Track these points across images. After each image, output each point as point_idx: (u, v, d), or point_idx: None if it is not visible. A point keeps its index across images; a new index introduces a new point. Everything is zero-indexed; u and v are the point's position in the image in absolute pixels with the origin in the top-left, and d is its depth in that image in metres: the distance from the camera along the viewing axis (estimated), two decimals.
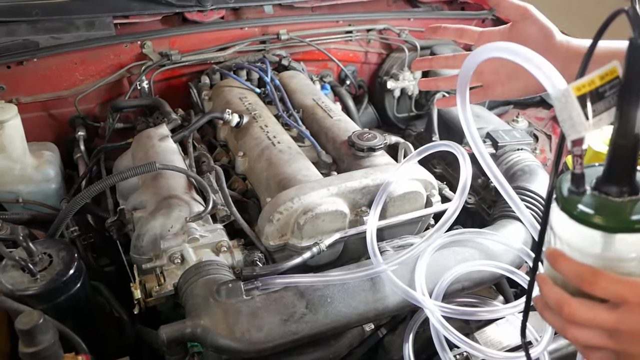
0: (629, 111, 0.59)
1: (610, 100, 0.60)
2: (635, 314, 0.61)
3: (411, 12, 2.16)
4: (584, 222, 0.62)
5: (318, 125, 1.52)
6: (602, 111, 0.60)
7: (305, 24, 1.90)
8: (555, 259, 0.66)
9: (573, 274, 0.64)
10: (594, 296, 0.63)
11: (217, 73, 1.75)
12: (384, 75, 2.02)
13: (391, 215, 1.24)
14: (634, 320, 0.61)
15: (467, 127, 0.94)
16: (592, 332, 0.64)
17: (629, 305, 0.61)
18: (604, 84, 0.59)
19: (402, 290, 1.06)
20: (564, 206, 0.64)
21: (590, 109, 0.59)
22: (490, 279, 1.18)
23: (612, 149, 0.62)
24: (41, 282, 1.03)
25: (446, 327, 1.02)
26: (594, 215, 0.62)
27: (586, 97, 0.59)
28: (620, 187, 0.62)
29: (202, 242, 1.14)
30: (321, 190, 1.18)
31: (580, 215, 0.62)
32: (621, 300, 0.61)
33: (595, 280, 0.62)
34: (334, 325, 1.03)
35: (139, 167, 1.19)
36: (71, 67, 1.65)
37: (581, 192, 0.64)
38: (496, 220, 1.29)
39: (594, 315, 0.63)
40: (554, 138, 1.82)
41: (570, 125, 0.59)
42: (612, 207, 0.62)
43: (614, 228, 0.61)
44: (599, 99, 0.59)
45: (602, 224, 0.61)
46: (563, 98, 0.60)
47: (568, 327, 0.66)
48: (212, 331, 0.97)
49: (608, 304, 0.62)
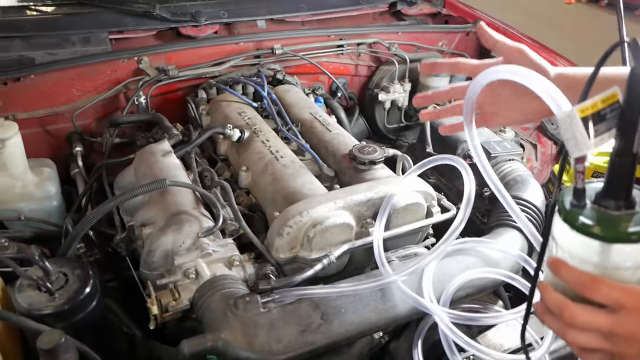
0: (628, 132, 0.66)
1: (611, 122, 0.67)
2: (632, 318, 0.67)
3: (397, 26, 2.22)
4: (584, 232, 0.68)
5: (317, 138, 1.56)
6: (603, 132, 0.67)
7: (297, 39, 1.94)
8: (558, 267, 0.72)
9: (575, 281, 0.70)
10: (593, 302, 0.69)
11: (214, 87, 1.77)
12: (374, 87, 2.07)
13: (395, 226, 1.29)
14: (630, 324, 0.67)
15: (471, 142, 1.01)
16: (591, 335, 0.70)
17: (626, 310, 0.67)
18: (605, 107, 0.66)
19: (412, 299, 1.11)
20: (566, 218, 0.70)
21: (592, 130, 0.66)
22: (492, 285, 1.23)
23: (611, 167, 0.69)
24: (59, 300, 1.04)
25: (455, 332, 1.08)
26: (594, 227, 0.68)
27: (589, 118, 0.66)
28: (617, 202, 0.69)
29: (215, 257, 1.17)
30: (328, 203, 1.22)
31: (581, 226, 0.68)
32: (619, 305, 0.67)
33: (596, 287, 0.68)
34: (349, 334, 1.06)
35: (149, 185, 1.21)
36: (68, 83, 1.66)
37: (582, 206, 0.70)
38: (493, 229, 1.35)
39: (593, 319, 0.69)
40: (540, 147, 1.90)
41: (574, 143, 0.66)
42: (610, 220, 0.68)
43: (612, 238, 0.67)
44: (600, 121, 0.66)
45: (601, 235, 0.67)
46: (568, 119, 0.67)
47: (568, 331, 0.72)
48: (232, 344, 1.00)
49: (607, 309, 0.68)
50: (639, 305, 0.66)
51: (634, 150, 0.66)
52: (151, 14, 1.78)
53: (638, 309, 0.66)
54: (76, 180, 1.62)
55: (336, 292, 1.09)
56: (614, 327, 0.68)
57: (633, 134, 0.65)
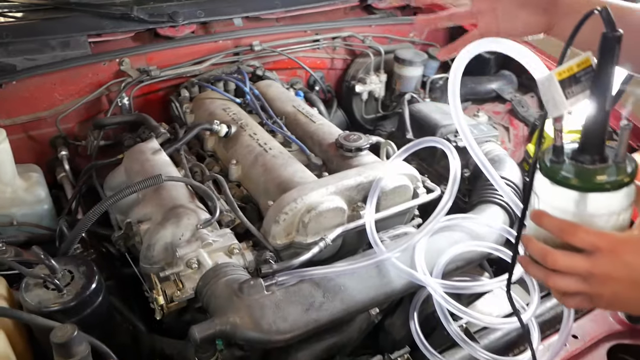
0: (600, 93, 0.74)
1: (585, 84, 0.75)
2: (606, 259, 0.75)
3: (369, 19, 2.29)
4: (564, 184, 0.77)
5: (302, 130, 1.61)
6: (578, 93, 0.75)
7: (274, 35, 1.99)
8: (540, 217, 0.80)
9: (555, 228, 0.78)
10: (572, 248, 0.77)
11: (196, 86, 1.80)
12: (351, 79, 2.13)
13: (384, 208, 1.35)
14: (605, 265, 0.75)
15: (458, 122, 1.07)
16: (570, 278, 0.78)
17: (601, 252, 0.75)
18: (580, 70, 0.74)
19: (407, 273, 1.17)
20: (547, 173, 0.79)
21: (568, 91, 0.74)
22: (479, 257, 1.31)
23: (586, 125, 0.77)
24: (67, 297, 1.07)
25: (449, 301, 1.14)
26: (572, 179, 0.76)
27: (565, 81, 0.74)
28: (592, 156, 0.77)
29: (215, 247, 1.21)
30: (321, 189, 1.27)
31: (561, 179, 0.77)
32: (595, 248, 0.75)
33: (574, 232, 0.76)
34: (350, 310, 1.12)
35: (146, 181, 1.23)
36: (50, 88, 1.67)
37: (561, 162, 0.78)
38: (476, 206, 1.42)
39: (572, 262, 0.77)
40: (512, 129, 1.99)
41: (553, 104, 0.75)
42: (586, 172, 0.77)
43: (588, 188, 0.76)
44: (575, 83, 0.74)
45: (579, 186, 0.76)
46: (546, 82, 0.75)
47: (550, 276, 0.80)
48: (240, 326, 1.04)
49: (584, 253, 0.76)
50: (613, 248, 0.74)
51: (607, 109, 0.74)
52: (129, 15, 1.80)
53: (612, 250, 0.74)
54: (63, 184, 1.63)
55: (335, 271, 1.15)
56: (591, 269, 0.75)
57: (605, 94, 0.73)
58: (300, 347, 1.14)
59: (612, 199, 0.76)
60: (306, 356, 1.15)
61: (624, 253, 0.75)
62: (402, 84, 2.07)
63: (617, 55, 0.72)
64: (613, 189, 0.75)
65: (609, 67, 0.73)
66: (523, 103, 2.02)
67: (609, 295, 0.77)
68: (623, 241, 0.76)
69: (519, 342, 1.27)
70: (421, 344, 1.17)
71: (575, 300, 0.81)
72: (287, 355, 1.13)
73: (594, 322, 1.30)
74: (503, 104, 2.10)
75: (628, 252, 0.75)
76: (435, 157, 1.73)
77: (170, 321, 1.33)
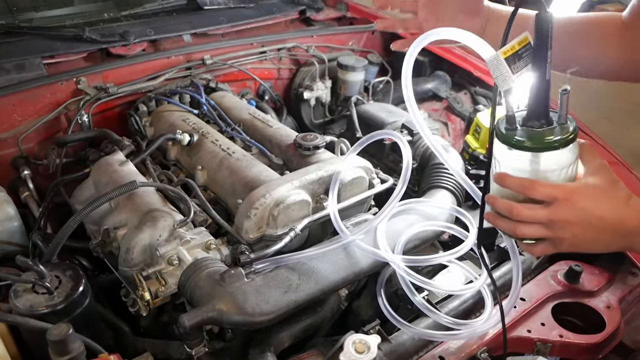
0: (540, 65, 0.88)
1: (527, 59, 0.89)
2: (563, 207, 0.89)
3: (311, 30, 2.43)
4: (519, 147, 0.91)
5: (260, 134, 1.71)
6: (522, 67, 0.89)
7: (223, 49, 2.09)
8: (503, 179, 0.94)
9: (517, 186, 0.92)
10: (533, 201, 0.90)
11: (153, 100, 1.87)
12: (298, 87, 2.25)
13: (344, 198, 1.46)
14: (562, 212, 0.89)
15: (411, 108, 1.18)
16: (534, 227, 0.92)
17: (558, 201, 0.89)
18: (521, 47, 0.88)
19: (371, 252, 1.29)
20: (503, 139, 0.92)
21: (513, 67, 0.87)
22: (434, 236, 1.44)
23: (531, 93, 0.90)
24: (58, 299, 1.12)
25: (411, 274, 1.27)
26: (525, 142, 0.90)
27: (509, 58, 0.87)
28: (540, 121, 0.91)
29: (193, 244, 1.28)
30: (286, 185, 1.38)
31: (516, 143, 0.91)
32: (552, 199, 0.89)
33: (533, 187, 0.90)
34: (325, 289, 1.22)
35: (121, 187, 1.30)
36: (9, 109, 1.69)
37: (514, 129, 0.92)
38: (426, 191, 1.56)
39: (534, 212, 0.91)
40: (450, 124, 2.17)
41: (502, 79, 0.88)
42: (536, 135, 0.91)
43: (539, 148, 0.90)
44: (519, 59, 0.88)
45: (532, 147, 0.90)
46: (494, 60, 0.88)
47: (517, 226, 0.93)
48: (226, 312, 1.12)
49: (544, 204, 0.90)
50: (567, 196, 0.88)
51: (547, 78, 0.88)
52: (81, 37, 1.85)
53: (566, 199, 0.88)
54: (28, 203, 1.65)
55: (307, 255, 1.25)
56: (550, 216, 0.89)
57: (544, 66, 0.87)
58: (281, 329, 1.24)
59: (560, 156, 0.90)
60: (286, 337, 1.25)
61: (578, 200, 0.88)
62: (347, 89, 2.22)
63: (551, 33, 0.85)
64: (560, 147, 0.89)
65: (545, 42, 0.86)
66: (458, 100, 2.21)
67: (570, 238, 0.91)
68: (576, 190, 0.89)
69: (475, 309, 1.41)
70: (390, 316, 1.28)
71: (540, 247, 0.95)
72: (268, 337, 1.22)
73: (538, 285, 1.46)
74: (440, 102, 2.28)
75: (581, 198, 0.89)
76: (384, 152, 1.87)
77: (149, 324, 1.40)
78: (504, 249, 1.56)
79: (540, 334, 1.32)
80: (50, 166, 1.74)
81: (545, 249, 0.95)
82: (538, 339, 1.31)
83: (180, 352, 1.26)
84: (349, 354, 1.12)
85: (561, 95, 0.88)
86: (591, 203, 0.89)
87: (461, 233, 1.39)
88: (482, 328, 1.26)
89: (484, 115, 1.84)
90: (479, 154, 1.77)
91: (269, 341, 1.22)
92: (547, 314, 1.39)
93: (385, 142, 1.85)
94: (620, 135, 3.62)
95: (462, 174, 1.24)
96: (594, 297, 1.43)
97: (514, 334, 1.32)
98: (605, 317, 1.37)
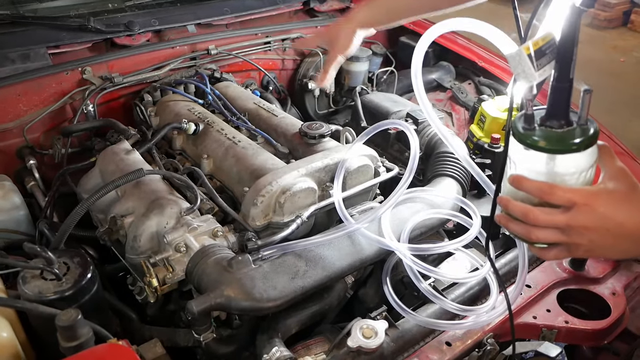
0: (564, 62, 0.84)
1: (550, 56, 0.85)
2: (582, 212, 0.85)
3: (315, 21, 2.42)
4: (536, 148, 0.86)
5: (265, 124, 1.71)
6: (545, 64, 0.85)
7: (228, 39, 2.09)
8: (520, 182, 0.90)
9: (535, 189, 0.88)
10: (548, 205, 0.87)
11: (158, 90, 1.87)
12: (302, 78, 2.25)
13: (350, 186, 1.47)
14: (581, 218, 0.85)
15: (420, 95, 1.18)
16: (550, 231, 0.88)
17: (577, 206, 0.85)
18: (545, 44, 0.84)
19: (377, 241, 1.29)
20: (520, 139, 0.88)
21: (537, 63, 0.83)
22: (439, 224, 1.45)
23: (552, 92, 0.86)
24: (66, 285, 1.12)
25: (417, 262, 1.27)
26: (543, 142, 0.86)
27: (532, 55, 0.83)
28: (559, 121, 0.87)
29: (200, 231, 1.29)
30: (292, 172, 1.39)
31: (533, 143, 0.86)
32: (571, 203, 0.85)
33: (552, 191, 0.86)
34: (331, 276, 1.23)
35: (128, 175, 1.30)
36: (14, 99, 1.69)
37: (532, 128, 0.88)
38: (431, 180, 1.57)
39: (552, 217, 0.87)
40: (454, 114, 2.17)
41: (524, 76, 0.84)
42: (555, 136, 0.86)
43: (558, 150, 0.86)
44: (541, 56, 0.84)
45: (550, 148, 0.86)
46: (517, 57, 0.84)
47: (532, 230, 0.89)
48: (234, 298, 1.13)
49: (562, 209, 0.86)
50: (587, 201, 0.84)
51: (570, 76, 0.85)
52: (86, 27, 1.85)
53: (586, 204, 0.84)
54: (34, 192, 1.66)
55: (314, 242, 1.26)
56: (569, 221, 0.85)
57: (569, 64, 0.84)
58: (288, 315, 1.24)
59: (579, 158, 0.86)
60: (294, 323, 1.25)
61: (598, 205, 0.84)
62: (351, 79, 2.22)
63: (579, 29, 0.82)
64: (579, 149, 0.85)
65: (572, 38, 0.83)
66: (462, 90, 2.21)
67: (587, 244, 0.87)
68: (595, 194, 0.85)
69: (481, 295, 1.41)
70: (395, 304, 1.29)
71: (554, 252, 0.91)
72: (276, 324, 1.23)
73: (544, 272, 1.46)
74: (444, 92, 2.28)
75: (601, 204, 0.85)
76: (389, 142, 1.87)
77: (155, 312, 1.41)
78: (509, 236, 1.56)
79: (546, 320, 1.33)
80: (56, 156, 1.74)
81: (559, 254, 0.91)
82: (544, 325, 1.32)
83: (187, 339, 1.27)
84: (357, 338, 1.12)
85: (583, 94, 0.83)
86: (611, 209, 0.85)
87: (466, 221, 1.39)
88: (487, 315, 1.26)
89: (488, 105, 1.84)
90: (483, 143, 1.77)
91: (277, 327, 1.23)
92: (553, 300, 1.40)
93: (390, 132, 1.85)
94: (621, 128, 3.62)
95: (471, 163, 1.24)
96: (599, 284, 1.44)
97: (520, 320, 1.33)
98: (611, 304, 1.37)
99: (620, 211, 0.85)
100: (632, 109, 4.65)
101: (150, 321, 1.40)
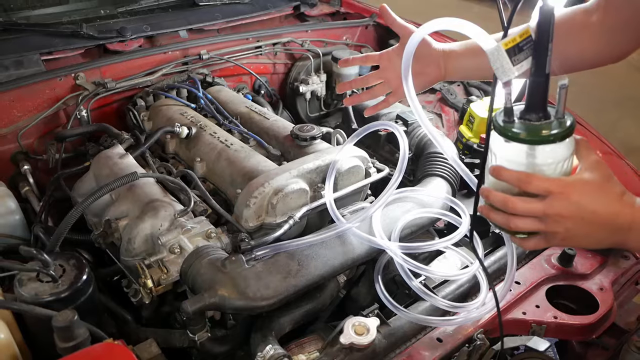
0: (540, 58, 0.88)
1: (527, 52, 0.89)
2: (558, 201, 0.89)
3: (306, 25, 2.45)
4: (516, 140, 0.90)
5: (257, 127, 1.74)
6: (523, 60, 0.88)
7: (219, 44, 2.11)
8: (499, 172, 0.94)
9: (513, 179, 0.92)
10: (527, 195, 0.90)
11: (151, 95, 1.89)
12: (294, 81, 2.28)
13: (341, 187, 1.49)
14: (557, 206, 0.89)
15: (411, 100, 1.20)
16: (529, 220, 0.92)
17: (553, 195, 0.89)
18: (522, 40, 0.88)
19: (368, 240, 1.32)
20: (501, 131, 0.92)
21: (514, 59, 0.87)
22: (429, 223, 1.47)
23: (530, 87, 0.90)
24: (63, 286, 1.14)
25: (408, 260, 1.29)
26: (522, 134, 0.89)
27: (510, 50, 0.87)
28: (537, 114, 0.91)
29: (194, 232, 1.31)
30: (284, 174, 1.41)
31: (513, 135, 0.90)
32: (547, 192, 0.89)
33: (530, 180, 0.90)
34: (324, 275, 1.25)
35: (122, 178, 1.32)
36: (8, 105, 1.70)
37: (512, 121, 0.91)
38: (421, 180, 1.59)
39: (529, 206, 0.91)
40: (444, 116, 2.20)
41: (502, 71, 0.88)
42: (534, 128, 0.90)
43: (536, 141, 0.90)
44: (519, 51, 0.88)
45: (529, 139, 0.90)
46: (495, 52, 0.88)
47: (511, 219, 0.93)
48: (228, 297, 1.15)
49: (539, 198, 0.90)
50: (562, 190, 0.88)
51: (546, 71, 0.88)
52: (78, 33, 1.87)
53: (562, 192, 0.88)
54: (29, 198, 1.67)
55: (306, 242, 1.28)
56: (545, 209, 0.89)
57: (545, 59, 0.87)
58: (282, 314, 1.26)
59: (557, 149, 0.90)
60: (287, 322, 1.27)
61: (572, 194, 0.88)
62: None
63: (553, 26, 0.85)
64: (557, 141, 0.89)
65: (546, 35, 0.86)
66: (451, 91, 2.24)
67: (562, 232, 0.91)
68: (571, 184, 0.89)
69: (471, 292, 1.44)
70: (387, 301, 1.31)
71: (533, 242, 0.95)
72: (270, 323, 1.25)
73: (533, 269, 1.49)
74: (433, 94, 2.31)
75: (575, 193, 0.88)
76: (380, 143, 1.90)
77: (150, 314, 1.42)
78: (498, 234, 1.59)
79: (535, 316, 1.35)
80: (50, 161, 1.75)
81: (538, 243, 0.95)
82: (533, 320, 1.34)
83: (182, 340, 1.28)
84: (349, 335, 1.14)
85: (559, 89, 0.87)
86: (585, 198, 0.89)
87: (456, 220, 1.42)
88: (477, 312, 1.28)
89: (477, 106, 1.87)
90: (472, 144, 1.80)
91: (271, 326, 1.24)
92: (542, 296, 1.42)
93: (381, 133, 1.88)
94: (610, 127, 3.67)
95: (458, 161, 1.27)
96: (587, 280, 1.47)
97: (510, 316, 1.35)
98: (599, 299, 1.40)
99: (594, 200, 0.89)
100: (622, 108, 4.70)
101: (146, 323, 1.42)
